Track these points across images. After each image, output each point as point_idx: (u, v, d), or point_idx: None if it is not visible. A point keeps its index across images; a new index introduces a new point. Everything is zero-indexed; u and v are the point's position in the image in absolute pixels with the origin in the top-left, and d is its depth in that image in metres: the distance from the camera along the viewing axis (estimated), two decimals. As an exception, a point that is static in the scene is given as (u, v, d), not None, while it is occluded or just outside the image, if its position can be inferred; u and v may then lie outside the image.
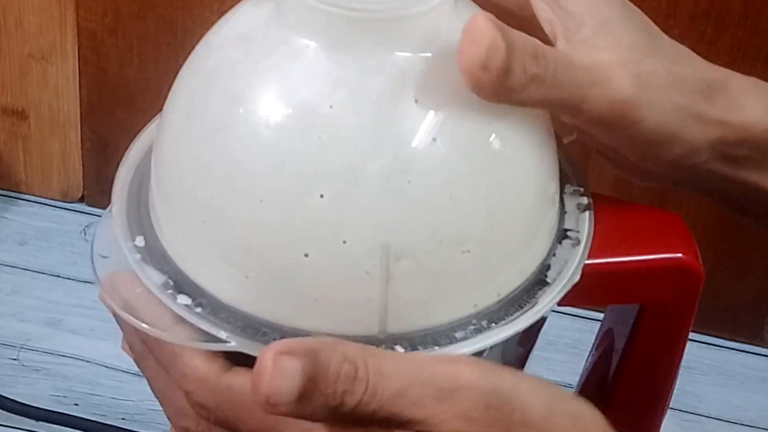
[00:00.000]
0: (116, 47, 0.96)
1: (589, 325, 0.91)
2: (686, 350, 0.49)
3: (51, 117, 1.00)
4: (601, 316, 0.52)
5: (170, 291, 0.40)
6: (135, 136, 0.46)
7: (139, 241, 0.42)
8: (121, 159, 0.45)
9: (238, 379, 0.39)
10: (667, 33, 0.43)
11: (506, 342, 0.40)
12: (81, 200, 1.03)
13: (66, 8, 0.95)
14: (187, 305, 0.40)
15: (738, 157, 0.45)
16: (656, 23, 0.45)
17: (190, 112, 0.41)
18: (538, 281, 0.41)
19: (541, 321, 0.41)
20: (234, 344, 0.38)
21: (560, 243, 0.43)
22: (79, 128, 1.01)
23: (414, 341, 0.39)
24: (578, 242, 0.43)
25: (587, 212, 0.44)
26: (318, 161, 0.38)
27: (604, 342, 0.51)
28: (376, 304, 0.38)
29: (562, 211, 0.44)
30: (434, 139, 0.38)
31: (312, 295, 0.38)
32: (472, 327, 0.39)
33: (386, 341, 0.39)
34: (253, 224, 0.38)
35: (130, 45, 0.96)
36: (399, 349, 0.38)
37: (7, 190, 1.03)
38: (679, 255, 0.45)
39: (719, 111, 0.44)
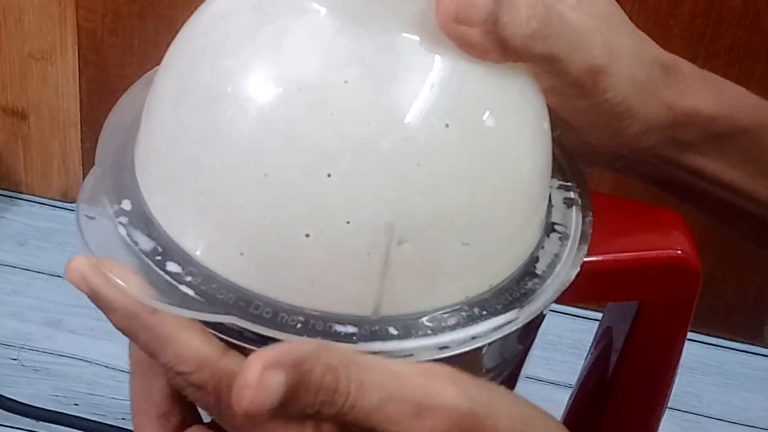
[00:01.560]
0: (116, 47, 0.96)
1: (589, 324, 0.91)
2: (686, 350, 0.49)
3: (51, 117, 1.00)
4: (600, 315, 0.52)
5: (158, 258, 0.39)
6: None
7: (126, 205, 0.40)
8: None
9: (239, 363, 0.38)
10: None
11: (505, 339, 0.40)
12: (81, 200, 1.03)
13: (66, 8, 0.95)
14: (177, 273, 0.39)
15: (685, 141, 0.47)
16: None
17: (193, 77, 0.39)
18: (528, 272, 0.41)
19: (540, 318, 0.41)
20: (225, 314, 0.37)
21: (548, 236, 0.43)
22: (79, 128, 1.00)
23: (407, 324, 0.38)
24: (566, 237, 0.43)
25: (574, 207, 0.44)
26: (329, 137, 0.37)
27: (603, 340, 0.51)
28: (373, 287, 0.38)
29: (549, 205, 0.44)
30: (447, 125, 0.38)
31: (309, 275, 0.38)
32: (464, 314, 0.39)
33: (379, 323, 0.38)
34: (255, 199, 0.37)
35: (130, 45, 0.96)
36: (392, 331, 0.38)
37: (7, 190, 1.03)
38: (678, 251, 0.45)
39: (672, 93, 0.46)
